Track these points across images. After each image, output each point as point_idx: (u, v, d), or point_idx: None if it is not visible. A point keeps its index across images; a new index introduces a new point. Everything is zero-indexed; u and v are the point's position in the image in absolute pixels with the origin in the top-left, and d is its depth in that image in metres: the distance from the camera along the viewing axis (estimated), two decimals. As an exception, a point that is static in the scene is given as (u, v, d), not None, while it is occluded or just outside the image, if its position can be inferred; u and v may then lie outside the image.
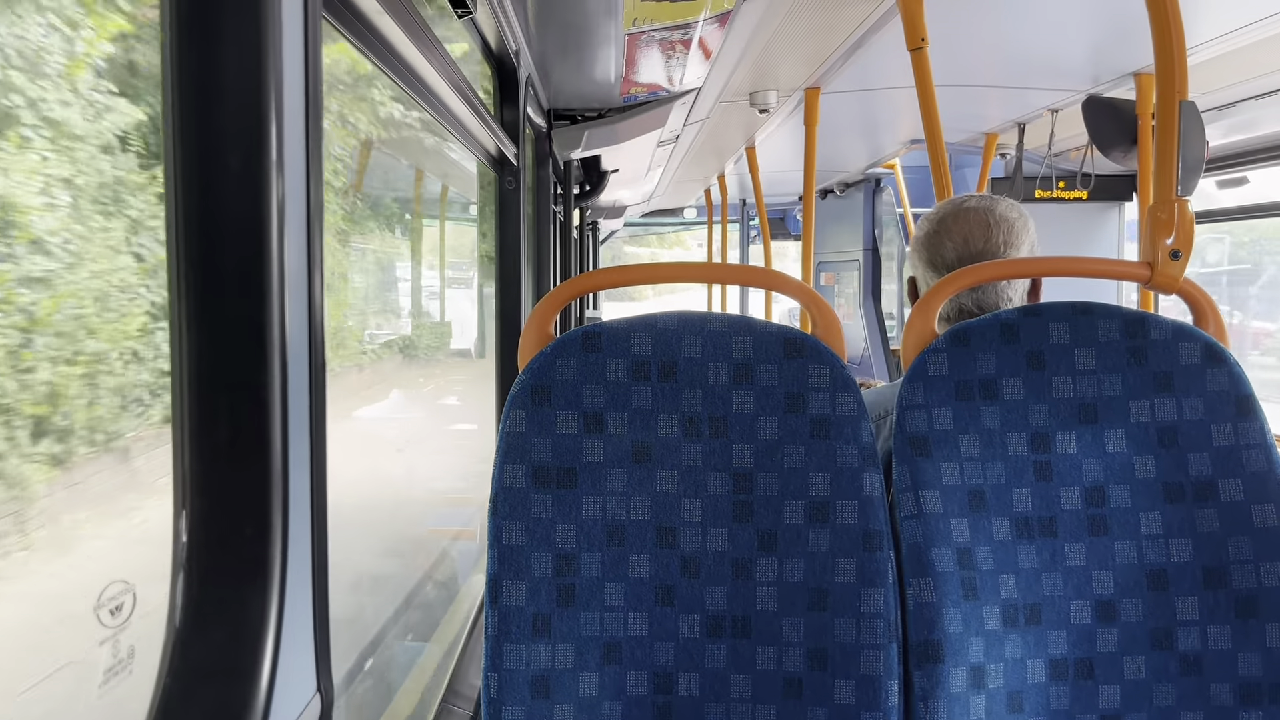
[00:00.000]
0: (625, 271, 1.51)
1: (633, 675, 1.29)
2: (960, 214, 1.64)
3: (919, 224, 1.72)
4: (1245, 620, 1.33)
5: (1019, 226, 1.62)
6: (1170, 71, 1.55)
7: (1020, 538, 1.34)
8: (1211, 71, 3.50)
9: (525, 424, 1.30)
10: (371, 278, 2.49)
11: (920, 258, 1.68)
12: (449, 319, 3.37)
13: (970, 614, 1.30)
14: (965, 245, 1.61)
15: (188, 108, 0.87)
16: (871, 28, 3.11)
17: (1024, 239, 1.62)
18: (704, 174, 7.90)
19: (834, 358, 1.34)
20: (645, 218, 12.84)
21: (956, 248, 1.62)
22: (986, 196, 1.67)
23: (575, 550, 1.29)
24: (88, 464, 0.99)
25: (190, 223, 0.88)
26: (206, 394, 0.89)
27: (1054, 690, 1.32)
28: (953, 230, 1.63)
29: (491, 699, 1.26)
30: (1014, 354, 1.38)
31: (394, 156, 2.57)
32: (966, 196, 1.69)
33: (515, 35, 2.75)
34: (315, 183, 0.98)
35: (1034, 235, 1.64)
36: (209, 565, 0.88)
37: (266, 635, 0.88)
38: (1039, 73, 3.89)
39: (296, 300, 0.94)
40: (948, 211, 1.66)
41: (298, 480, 0.94)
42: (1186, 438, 1.37)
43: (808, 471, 1.32)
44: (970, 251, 1.61)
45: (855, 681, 1.27)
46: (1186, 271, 1.49)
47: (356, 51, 1.40)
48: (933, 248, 1.65)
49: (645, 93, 3.81)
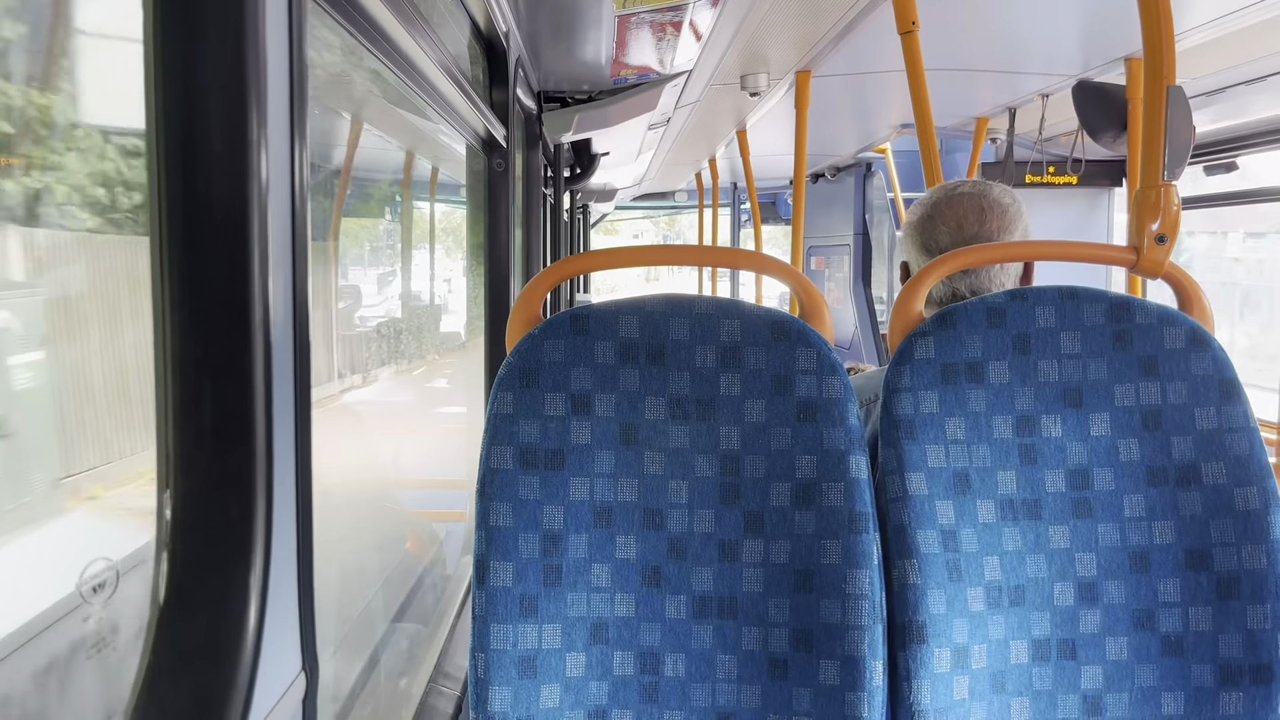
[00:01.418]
0: (613, 254, 1.51)
1: (619, 655, 1.30)
2: (954, 199, 1.64)
3: (911, 208, 1.72)
4: (1226, 602, 1.34)
5: (1012, 212, 1.62)
6: (1159, 56, 1.55)
7: (1005, 520, 1.35)
8: (1201, 57, 3.51)
9: (513, 406, 1.31)
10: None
11: (913, 242, 1.68)
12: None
13: (954, 595, 1.31)
14: (959, 230, 1.61)
15: (171, 88, 0.87)
16: (862, 11, 3.11)
17: (1017, 224, 1.62)
18: (695, 157, 7.88)
19: (821, 341, 1.34)
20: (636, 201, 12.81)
21: (950, 232, 1.62)
22: (980, 182, 1.67)
23: (562, 531, 1.30)
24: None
25: (174, 203, 0.87)
26: (191, 375, 0.88)
27: (1036, 670, 1.34)
28: (946, 215, 1.63)
29: (478, 679, 1.27)
30: (1000, 337, 1.38)
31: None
32: (960, 182, 1.69)
33: (505, 16, 2.73)
34: (300, 164, 0.98)
35: (1027, 221, 1.64)
36: (193, 545, 0.88)
37: (250, 614, 0.89)
38: (1029, 57, 3.89)
39: (281, 281, 0.94)
40: (941, 196, 1.66)
41: (282, 460, 0.95)
42: (1170, 421, 1.38)
43: (794, 454, 1.32)
44: (964, 236, 1.61)
45: (840, 662, 1.28)
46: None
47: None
48: (926, 232, 1.65)
49: (636, 75, 3.79)
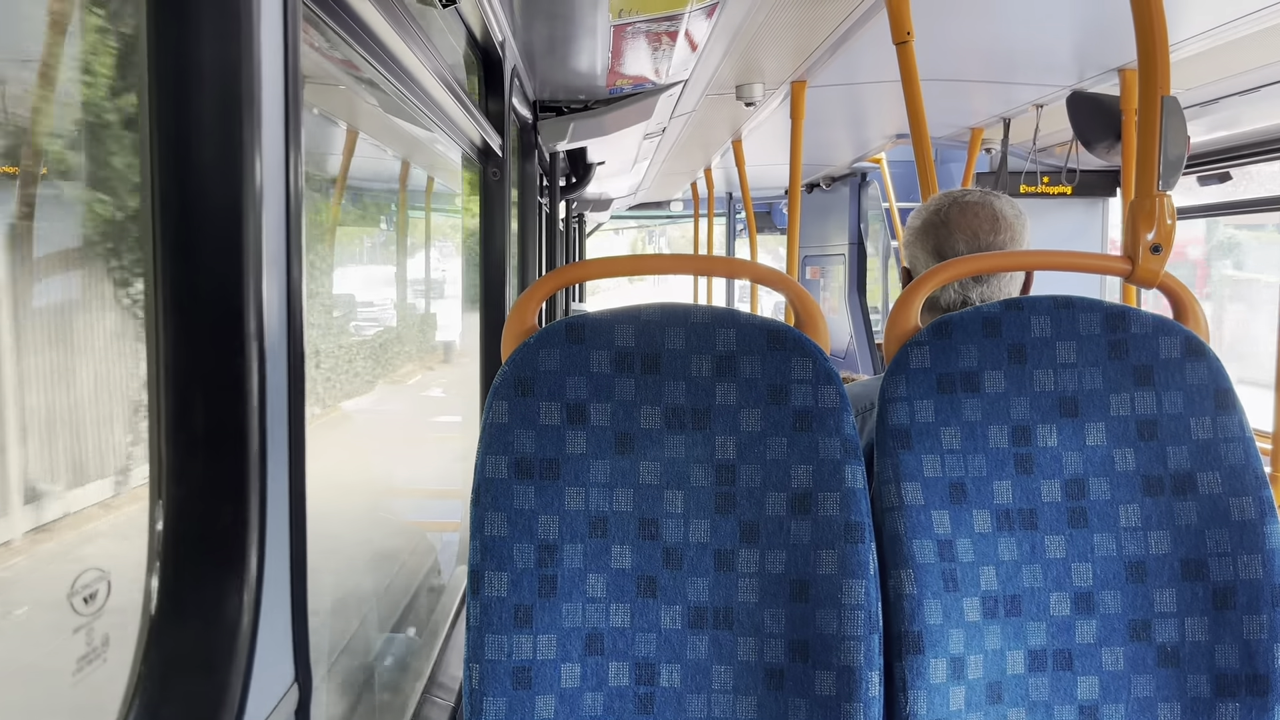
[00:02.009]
0: (608, 263, 1.51)
1: (614, 666, 1.29)
2: (966, 207, 1.64)
3: (916, 213, 1.72)
4: (1223, 612, 1.34)
5: (1019, 225, 1.65)
6: (1153, 67, 1.56)
7: (1001, 530, 1.35)
8: (1195, 68, 3.52)
9: (508, 415, 1.30)
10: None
11: (924, 247, 1.68)
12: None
13: (950, 605, 1.30)
14: (975, 238, 1.62)
15: (165, 94, 0.86)
16: (857, 21, 3.11)
17: (1025, 236, 1.65)
18: (691, 167, 7.89)
19: (817, 350, 1.34)
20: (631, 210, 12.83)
21: (966, 240, 1.62)
22: (985, 191, 1.68)
23: (557, 541, 1.29)
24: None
25: (168, 211, 0.87)
26: (184, 384, 0.88)
27: (1033, 681, 1.33)
28: (960, 222, 1.63)
29: (473, 689, 1.26)
30: (996, 347, 1.38)
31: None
32: (964, 190, 1.69)
33: (501, 26, 2.74)
34: (294, 171, 0.98)
35: (1030, 233, 1.66)
36: (186, 555, 0.87)
37: (243, 624, 0.88)
38: (1024, 68, 3.90)
39: (275, 289, 0.94)
40: (949, 203, 1.66)
41: (275, 469, 0.94)
42: (1166, 431, 1.38)
43: (790, 463, 1.32)
44: (979, 245, 1.62)
45: (836, 672, 1.27)
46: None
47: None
48: (940, 237, 1.65)
49: (631, 85, 3.80)
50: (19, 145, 0.90)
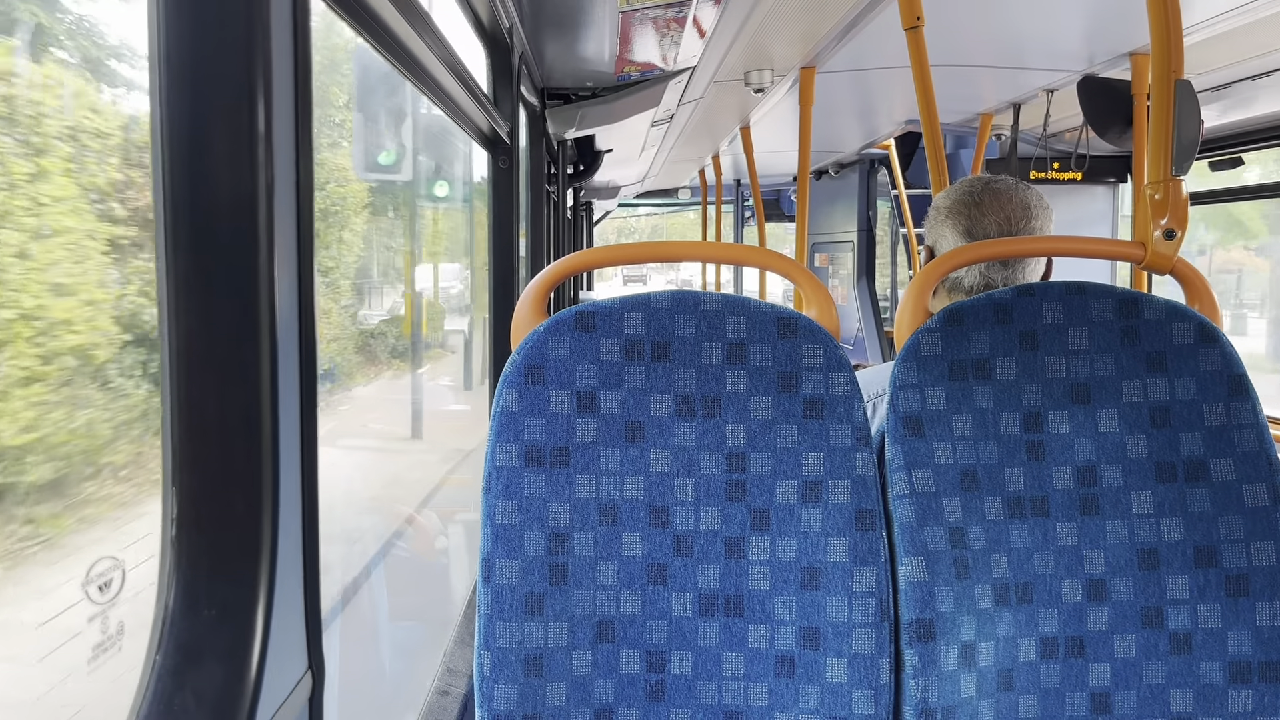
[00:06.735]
0: (617, 250, 1.51)
1: (625, 654, 1.30)
2: (1000, 192, 1.65)
3: (945, 193, 1.72)
4: (1235, 599, 1.33)
5: (1045, 217, 1.66)
6: (1166, 50, 1.54)
7: (1012, 517, 1.35)
8: (1207, 51, 3.49)
9: (518, 403, 1.30)
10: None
11: (954, 226, 1.67)
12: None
13: (962, 593, 1.30)
14: (1008, 223, 1.63)
15: (175, 84, 0.86)
16: (867, 6, 3.09)
17: (1049, 224, 1.66)
18: (699, 154, 7.87)
19: (828, 337, 1.34)
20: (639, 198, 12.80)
21: (999, 224, 1.63)
22: (1009, 178, 1.69)
23: (568, 529, 1.29)
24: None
25: (179, 200, 0.87)
26: (196, 372, 0.88)
27: (1044, 668, 1.33)
28: (991, 206, 1.64)
29: (484, 677, 1.26)
30: (1007, 334, 1.38)
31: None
32: (990, 176, 1.70)
33: (509, 13, 2.73)
34: (305, 160, 0.97)
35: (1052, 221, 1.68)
36: (199, 543, 0.88)
37: (257, 612, 0.88)
38: (1034, 53, 3.87)
39: (287, 278, 0.94)
40: (980, 187, 1.67)
41: (288, 457, 0.94)
42: (1179, 417, 1.37)
43: (800, 451, 1.32)
44: (1010, 230, 1.63)
45: (847, 660, 1.27)
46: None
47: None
48: (973, 218, 1.65)
49: (639, 72, 3.79)
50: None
